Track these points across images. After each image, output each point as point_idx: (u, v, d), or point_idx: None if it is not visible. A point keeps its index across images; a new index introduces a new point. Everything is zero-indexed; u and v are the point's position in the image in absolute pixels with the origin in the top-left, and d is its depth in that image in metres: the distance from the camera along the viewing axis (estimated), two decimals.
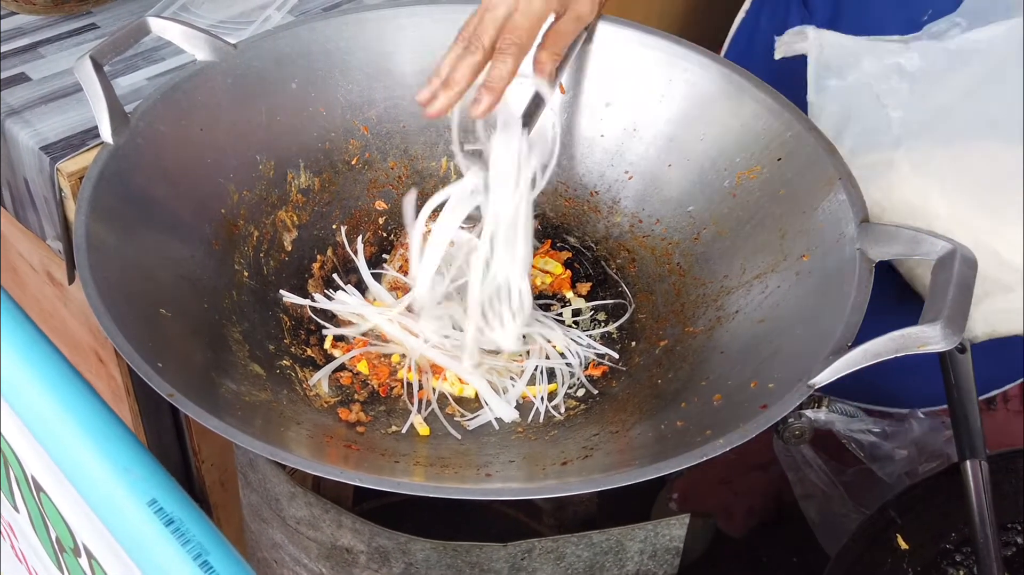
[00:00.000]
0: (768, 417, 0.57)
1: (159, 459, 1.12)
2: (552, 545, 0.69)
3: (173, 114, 0.80)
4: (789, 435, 0.79)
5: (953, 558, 0.89)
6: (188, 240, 0.77)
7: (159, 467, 0.47)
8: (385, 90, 0.90)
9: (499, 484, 0.61)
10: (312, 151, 0.87)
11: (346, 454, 0.65)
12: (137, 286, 0.69)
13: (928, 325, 0.56)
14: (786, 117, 0.77)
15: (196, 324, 0.73)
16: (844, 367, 0.58)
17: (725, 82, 0.82)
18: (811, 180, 0.73)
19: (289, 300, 0.80)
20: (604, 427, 0.70)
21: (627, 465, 0.60)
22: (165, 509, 0.45)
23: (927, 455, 0.97)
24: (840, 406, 0.79)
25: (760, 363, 0.66)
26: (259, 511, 0.78)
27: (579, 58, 0.87)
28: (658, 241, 0.83)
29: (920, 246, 0.63)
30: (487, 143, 0.73)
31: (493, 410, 0.73)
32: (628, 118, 0.86)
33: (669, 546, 0.71)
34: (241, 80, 0.85)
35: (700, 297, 0.76)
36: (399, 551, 0.70)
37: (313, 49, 0.88)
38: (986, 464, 0.79)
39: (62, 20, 1.03)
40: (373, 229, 0.89)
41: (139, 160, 0.76)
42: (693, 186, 0.82)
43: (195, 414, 0.56)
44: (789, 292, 0.69)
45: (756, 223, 0.76)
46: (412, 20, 0.90)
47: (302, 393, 0.73)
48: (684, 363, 0.72)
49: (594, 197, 0.88)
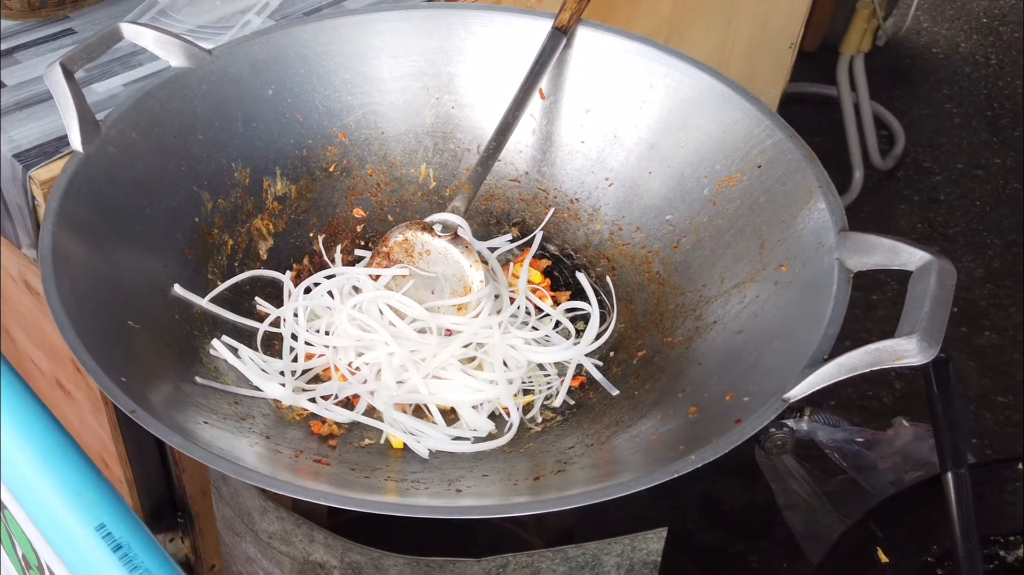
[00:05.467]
0: (741, 432, 0.56)
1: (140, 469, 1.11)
2: (527, 560, 0.68)
3: (146, 121, 0.79)
4: (771, 445, 0.78)
5: (935, 572, 0.87)
6: (160, 249, 0.76)
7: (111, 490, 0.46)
8: (363, 96, 0.89)
9: (468, 502, 0.60)
10: (289, 158, 0.86)
11: (316, 469, 0.64)
12: (105, 297, 0.68)
13: (904, 338, 0.55)
14: (767, 124, 0.76)
15: (166, 336, 0.71)
16: (819, 381, 0.57)
17: (706, 88, 0.80)
18: (791, 188, 0.72)
19: (263, 309, 0.79)
20: (580, 439, 0.68)
21: (600, 480, 0.59)
22: (113, 534, 0.44)
23: (912, 464, 0.95)
24: (822, 416, 0.78)
25: (737, 375, 0.65)
26: (232, 525, 0.77)
27: (559, 64, 0.86)
28: (638, 249, 0.82)
29: (898, 256, 0.62)
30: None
31: (468, 423, 0.72)
32: (609, 125, 0.85)
33: (647, 560, 0.69)
34: (216, 86, 0.84)
35: (679, 307, 0.75)
36: (372, 566, 0.69)
37: (290, 55, 0.87)
38: (968, 475, 0.78)
39: (39, 25, 1.01)
40: (351, 237, 0.88)
41: (110, 168, 0.75)
42: (673, 193, 0.80)
43: (156, 431, 0.55)
44: (768, 302, 0.68)
45: (736, 231, 0.75)
46: (391, 25, 0.89)
47: (274, 405, 0.72)
48: (662, 374, 0.71)
49: (575, 204, 0.86)
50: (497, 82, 0.87)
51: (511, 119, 0.82)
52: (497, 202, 0.89)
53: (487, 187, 0.89)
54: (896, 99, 2.27)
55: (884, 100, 2.22)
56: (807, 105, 2.22)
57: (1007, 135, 2.20)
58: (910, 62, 2.40)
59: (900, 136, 2.14)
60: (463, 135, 0.89)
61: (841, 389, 1.63)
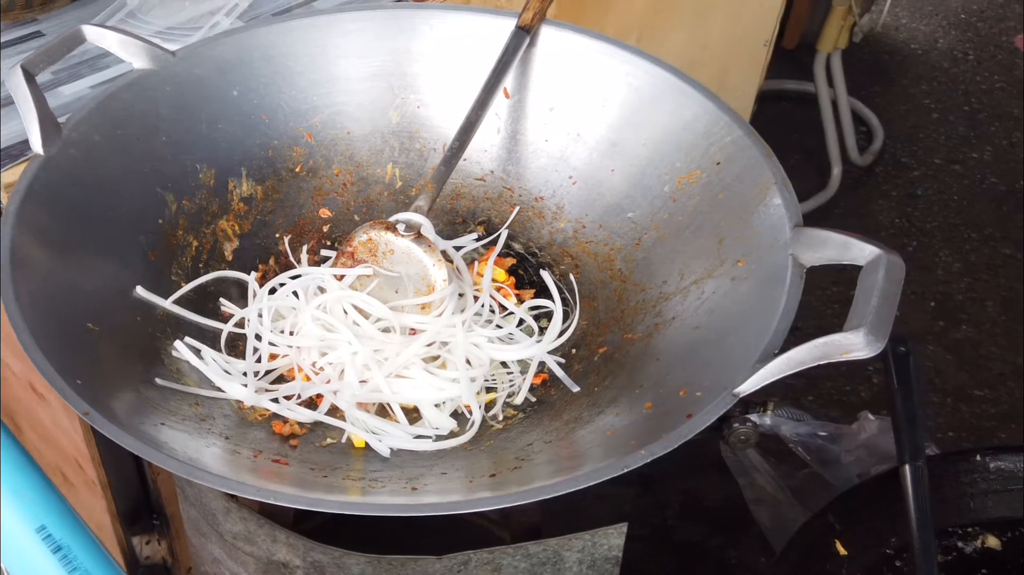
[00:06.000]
0: (691, 427, 0.57)
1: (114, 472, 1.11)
2: (488, 556, 0.68)
3: (109, 123, 0.79)
4: (734, 440, 0.79)
5: (893, 564, 0.88)
6: (123, 251, 0.76)
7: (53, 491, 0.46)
8: (329, 96, 0.89)
9: (421, 499, 0.60)
10: (255, 159, 0.86)
11: (274, 469, 0.64)
12: (65, 300, 0.68)
13: (851, 332, 0.56)
14: (726, 121, 0.77)
15: (128, 338, 0.71)
16: (768, 375, 0.58)
17: (667, 86, 0.81)
18: (749, 184, 0.73)
19: (227, 310, 0.79)
20: (540, 436, 0.69)
21: (555, 476, 0.59)
22: (54, 535, 0.44)
23: (878, 457, 0.96)
24: (786, 410, 0.79)
25: (692, 371, 0.65)
26: (198, 526, 0.77)
27: (523, 62, 0.87)
28: (601, 247, 0.82)
29: (849, 251, 0.63)
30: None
31: (431, 421, 0.73)
32: (572, 123, 0.85)
33: (608, 555, 0.70)
34: (181, 88, 0.84)
35: (640, 303, 0.76)
36: (334, 565, 0.69)
37: (255, 56, 0.87)
38: (926, 468, 0.78)
39: (7, 28, 1.01)
40: (317, 237, 0.88)
41: (72, 171, 0.75)
42: (635, 191, 0.81)
43: (109, 432, 0.55)
44: (724, 298, 0.69)
45: (695, 228, 0.75)
46: (356, 26, 0.89)
47: (236, 406, 0.72)
48: (622, 370, 0.72)
49: (539, 203, 0.87)
50: (462, 81, 0.87)
51: (475, 118, 0.82)
52: (463, 201, 0.90)
53: (453, 186, 0.89)
54: (875, 95, 2.28)
55: (863, 96, 2.23)
56: (787, 102, 2.23)
57: (984, 130, 2.21)
58: (889, 58, 2.41)
59: (879, 132, 2.15)
60: (429, 134, 0.90)
61: (820, 384, 1.63)
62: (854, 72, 2.17)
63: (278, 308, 0.78)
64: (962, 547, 0.89)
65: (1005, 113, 2.26)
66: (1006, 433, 1.62)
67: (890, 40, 2.46)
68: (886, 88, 2.32)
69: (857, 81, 2.22)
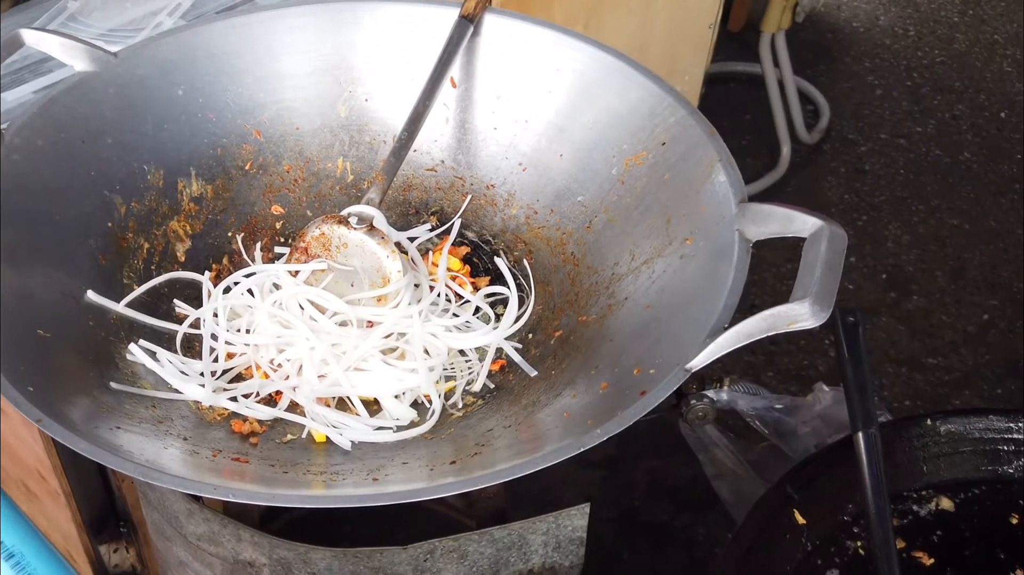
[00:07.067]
0: (645, 404, 0.58)
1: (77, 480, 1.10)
2: (453, 544, 0.69)
3: (51, 128, 0.78)
4: (693, 417, 0.80)
5: (851, 530, 0.90)
6: (72, 256, 0.76)
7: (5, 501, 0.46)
8: (276, 92, 0.89)
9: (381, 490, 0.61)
10: (203, 158, 0.86)
11: (234, 467, 0.64)
12: (12, 307, 0.67)
13: (797, 303, 0.57)
14: (669, 102, 0.78)
15: (81, 343, 0.71)
16: (719, 349, 0.59)
17: (611, 69, 0.82)
18: (693, 163, 0.74)
19: (182, 311, 0.79)
20: (499, 422, 0.69)
21: (513, 459, 0.60)
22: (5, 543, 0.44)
23: (834, 427, 0.98)
24: (742, 385, 0.80)
25: (646, 349, 0.66)
26: (162, 529, 0.77)
27: (468, 51, 0.87)
28: (553, 231, 0.83)
29: (793, 224, 0.64)
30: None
31: (391, 412, 0.73)
32: (519, 110, 0.86)
33: (572, 536, 0.71)
34: (124, 90, 0.83)
35: (593, 285, 0.77)
36: (300, 561, 0.69)
37: (199, 54, 0.87)
38: (879, 434, 0.80)
39: None
40: (270, 234, 0.88)
41: (15, 176, 0.74)
42: (584, 174, 0.82)
43: (63, 438, 0.55)
44: (675, 276, 0.70)
45: (644, 209, 0.76)
46: (299, 21, 0.89)
47: (194, 407, 0.72)
48: (577, 353, 0.72)
49: (491, 191, 0.87)
50: (408, 72, 0.88)
51: (422, 108, 0.83)
52: (415, 192, 0.90)
53: (405, 177, 0.89)
54: (820, 74, 2.31)
55: (809, 76, 2.26)
56: (736, 84, 2.25)
57: (927, 104, 2.25)
58: (832, 37, 2.44)
59: (825, 110, 2.18)
60: (378, 127, 0.90)
61: (778, 360, 1.66)
62: (799, 52, 2.20)
63: (233, 307, 0.78)
64: (917, 510, 0.91)
65: (947, 87, 2.30)
66: (960, 399, 1.66)
67: (832, 19, 2.50)
68: (830, 66, 2.35)
69: (802, 60, 2.25)
